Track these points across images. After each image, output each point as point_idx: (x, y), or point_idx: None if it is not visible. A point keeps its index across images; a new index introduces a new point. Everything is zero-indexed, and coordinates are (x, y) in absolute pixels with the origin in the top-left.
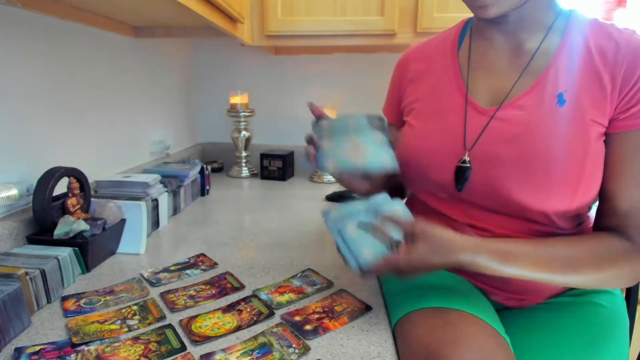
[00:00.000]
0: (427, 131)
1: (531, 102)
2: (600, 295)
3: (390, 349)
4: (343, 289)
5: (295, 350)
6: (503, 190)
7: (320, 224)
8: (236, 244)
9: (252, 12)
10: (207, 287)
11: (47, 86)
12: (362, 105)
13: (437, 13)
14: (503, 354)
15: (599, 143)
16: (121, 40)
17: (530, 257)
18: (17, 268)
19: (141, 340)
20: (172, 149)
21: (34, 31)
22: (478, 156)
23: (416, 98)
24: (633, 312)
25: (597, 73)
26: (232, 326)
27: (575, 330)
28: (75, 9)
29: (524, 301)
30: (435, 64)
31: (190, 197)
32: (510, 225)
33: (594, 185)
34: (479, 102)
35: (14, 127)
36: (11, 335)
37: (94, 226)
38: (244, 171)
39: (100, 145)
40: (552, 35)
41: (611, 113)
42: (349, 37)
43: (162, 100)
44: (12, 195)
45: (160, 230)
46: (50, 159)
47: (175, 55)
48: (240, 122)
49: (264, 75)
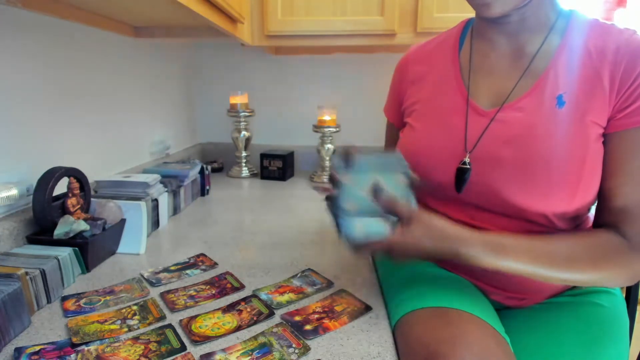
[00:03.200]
0: (428, 133)
1: (531, 103)
2: (600, 295)
3: (390, 349)
4: (343, 289)
5: (295, 350)
6: (502, 191)
7: (320, 224)
8: (236, 244)
9: (252, 12)
10: (207, 287)
11: (47, 86)
12: (362, 105)
13: (437, 13)
14: (503, 354)
15: (598, 144)
16: (121, 40)
17: (524, 251)
18: (17, 268)
19: (141, 340)
20: (172, 149)
21: (34, 31)
22: (478, 158)
23: (417, 100)
24: (633, 312)
25: (596, 74)
26: (232, 326)
27: (575, 330)
28: (75, 9)
29: (523, 301)
30: (436, 65)
31: (190, 197)
32: (510, 226)
33: (593, 186)
34: (479, 103)
35: (14, 127)
36: (11, 335)
37: (94, 226)
38: (244, 171)
39: (100, 145)
40: (553, 37)
41: (609, 113)
42: (349, 37)
43: (162, 100)
44: (12, 195)
45: (160, 230)
46: (50, 159)
47: (175, 55)
48: (240, 122)
49: (264, 75)
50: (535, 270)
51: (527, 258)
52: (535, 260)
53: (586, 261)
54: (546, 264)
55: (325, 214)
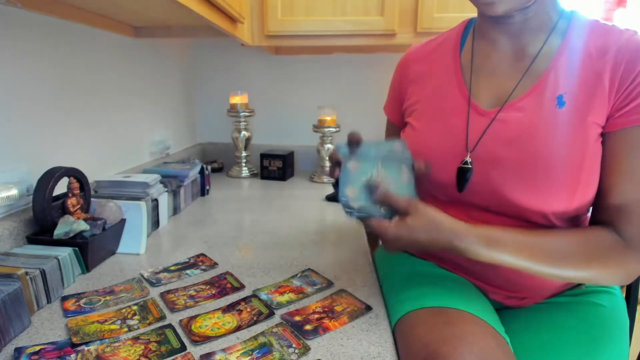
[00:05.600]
0: (429, 132)
1: (531, 104)
2: (600, 295)
3: (390, 349)
4: (343, 289)
5: (295, 350)
6: (503, 191)
7: (320, 224)
8: (236, 244)
9: (252, 12)
10: (207, 287)
11: (47, 86)
12: (362, 105)
13: (437, 13)
14: (503, 354)
15: (598, 144)
16: (121, 40)
17: (518, 245)
18: (17, 268)
19: (141, 340)
20: (172, 149)
21: (34, 31)
22: (479, 157)
23: (417, 99)
24: (633, 312)
25: (597, 75)
26: (232, 326)
27: (575, 330)
28: (75, 9)
29: (523, 300)
30: (437, 65)
31: (190, 197)
32: (509, 226)
33: (593, 186)
34: (480, 103)
35: (14, 127)
36: (11, 335)
37: (94, 226)
38: (244, 171)
39: (100, 145)
40: (554, 37)
41: (608, 111)
42: (349, 37)
43: (162, 100)
44: (12, 195)
45: (160, 230)
46: (50, 159)
47: (176, 55)
48: (240, 122)
49: (264, 75)
50: (529, 264)
51: (520, 251)
52: (528, 254)
53: (580, 257)
54: (540, 258)
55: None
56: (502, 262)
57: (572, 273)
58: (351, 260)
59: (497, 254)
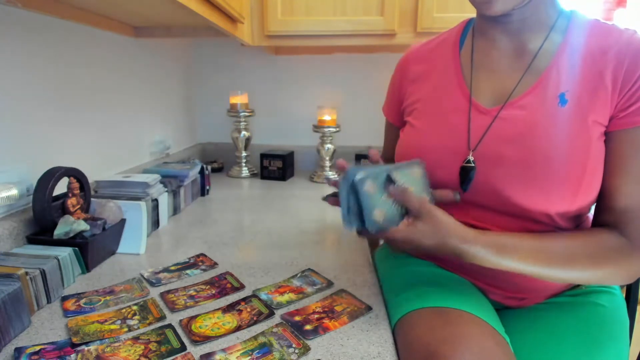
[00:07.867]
0: (429, 131)
1: (533, 102)
2: (600, 295)
3: (390, 349)
4: (343, 289)
5: (295, 350)
6: (505, 190)
7: (320, 224)
8: (236, 244)
9: (252, 12)
10: (207, 287)
11: (47, 86)
12: (362, 105)
13: (437, 13)
14: (502, 354)
15: (600, 143)
16: (121, 40)
17: (525, 251)
18: (17, 268)
19: (141, 340)
20: (172, 149)
21: (34, 31)
22: (482, 156)
23: (417, 98)
24: (633, 312)
25: (598, 73)
26: (232, 326)
27: (575, 330)
28: (75, 9)
29: (523, 300)
30: (437, 64)
31: (190, 197)
32: (512, 225)
33: (595, 185)
34: (481, 102)
35: (14, 127)
36: (11, 335)
37: (94, 226)
38: (244, 171)
39: (100, 145)
40: (554, 35)
41: (611, 112)
42: (349, 37)
43: (162, 100)
44: (12, 195)
45: (160, 230)
46: (50, 159)
47: (175, 55)
48: (240, 122)
49: (264, 75)
50: (536, 269)
51: (528, 257)
52: (536, 259)
53: (586, 260)
54: (547, 263)
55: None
56: (510, 268)
57: (579, 276)
58: (351, 260)
59: (506, 260)
